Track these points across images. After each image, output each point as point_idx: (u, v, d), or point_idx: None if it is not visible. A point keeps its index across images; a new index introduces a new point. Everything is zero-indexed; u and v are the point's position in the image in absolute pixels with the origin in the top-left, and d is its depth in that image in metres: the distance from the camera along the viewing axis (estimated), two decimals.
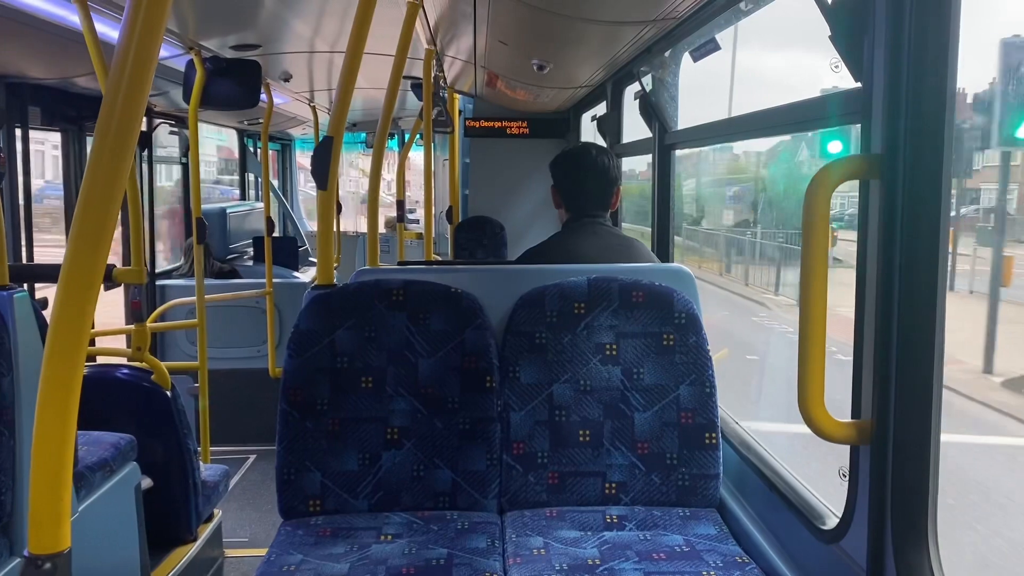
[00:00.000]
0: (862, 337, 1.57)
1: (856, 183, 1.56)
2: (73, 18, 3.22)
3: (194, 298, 4.39)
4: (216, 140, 9.98)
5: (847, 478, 1.67)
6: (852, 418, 1.62)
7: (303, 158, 11.48)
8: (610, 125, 4.62)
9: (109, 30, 3.41)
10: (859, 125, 1.57)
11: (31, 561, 1.11)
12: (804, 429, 1.57)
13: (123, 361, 3.69)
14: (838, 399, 1.61)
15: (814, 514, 1.86)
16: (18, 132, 4.27)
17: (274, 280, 5.74)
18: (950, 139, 1.39)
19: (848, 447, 1.65)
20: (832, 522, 1.77)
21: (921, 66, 1.38)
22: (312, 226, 10.63)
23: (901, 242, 1.44)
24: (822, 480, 1.99)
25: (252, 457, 5.77)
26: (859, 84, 1.57)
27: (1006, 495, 6.46)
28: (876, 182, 1.50)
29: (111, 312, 5.56)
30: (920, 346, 1.45)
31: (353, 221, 13.01)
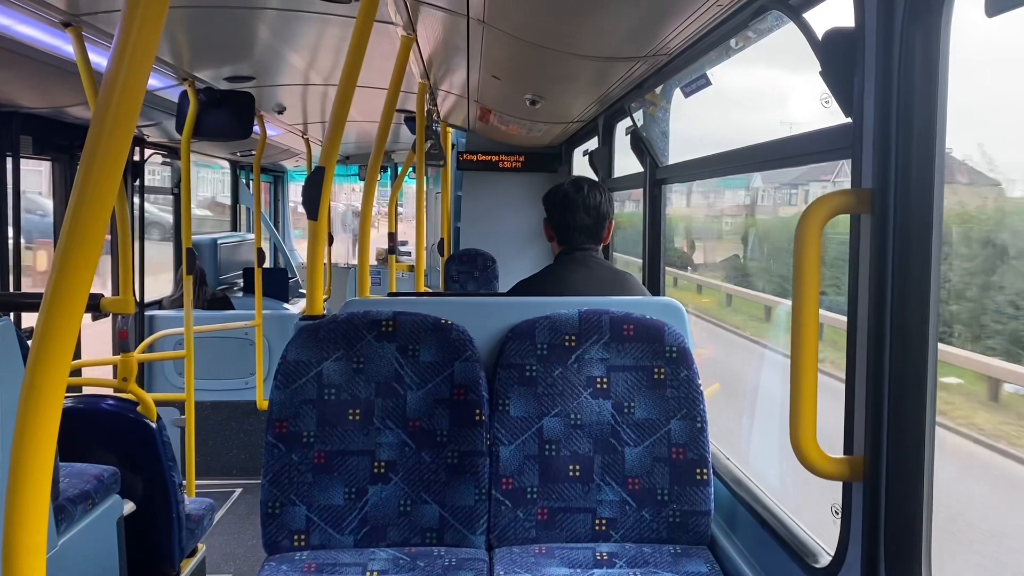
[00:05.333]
0: (854, 372, 1.56)
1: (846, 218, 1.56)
2: (67, 48, 3.24)
3: (182, 329, 4.36)
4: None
5: (839, 515, 1.65)
6: (844, 454, 1.60)
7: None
8: (601, 159, 4.64)
9: (103, 60, 3.42)
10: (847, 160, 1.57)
11: None
12: None
13: (109, 392, 3.65)
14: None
15: (806, 552, 1.83)
16: (9, 161, 4.26)
17: (264, 312, 5.72)
18: (941, 172, 1.39)
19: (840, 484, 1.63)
20: (825, 560, 1.74)
21: (911, 101, 1.39)
22: (303, 258, 10.62)
23: (893, 276, 1.44)
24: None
25: (238, 490, 5.69)
26: (849, 119, 1.58)
27: None
28: (867, 217, 1.50)
29: (100, 342, 5.52)
30: (913, 381, 1.44)
31: (344, 253, 12.99)
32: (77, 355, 4.93)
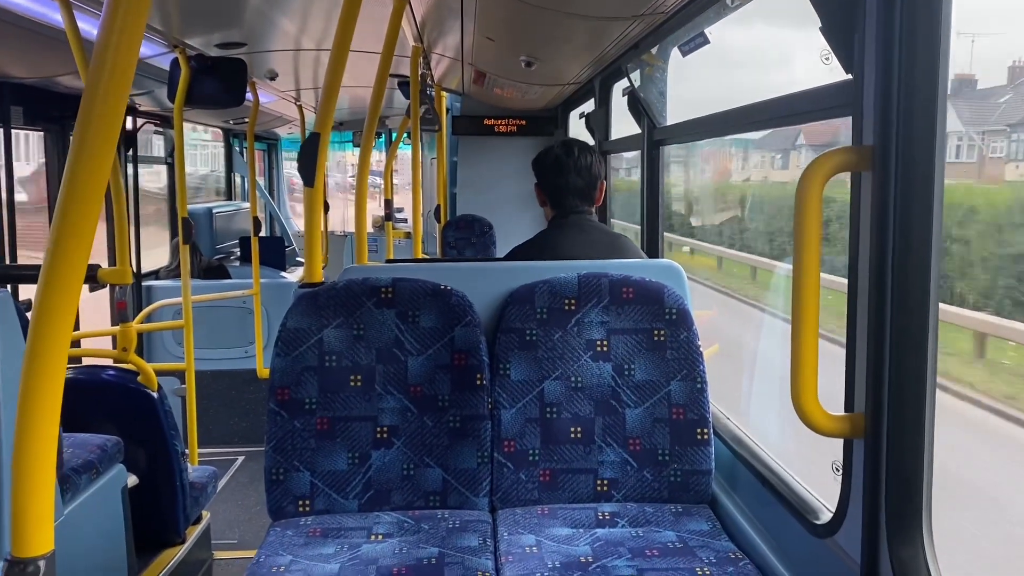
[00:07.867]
0: (855, 330, 1.56)
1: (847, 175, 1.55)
2: (56, 16, 3.19)
3: (180, 299, 4.36)
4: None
5: (840, 472, 1.66)
6: (845, 412, 1.61)
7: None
8: (598, 122, 4.61)
9: (92, 28, 3.37)
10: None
11: (14, 564, 1.09)
12: None
13: (109, 362, 3.65)
14: None
15: (807, 508, 1.85)
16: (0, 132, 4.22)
17: (261, 280, 5.71)
18: (943, 129, 1.38)
19: (841, 441, 1.64)
20: (825, 516, 1.76)
21: (913, 56, 1.37)
22: (299, 226, 10.58)
23: (894, 234, 1.43)
24: None
25: (241, 458, 5.73)
26: (850, 76, 1.56)
27: None
28: (868, 174, 1.49)
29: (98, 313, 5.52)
30: (914, 338, 1.44)
31: (341, 220, 12.95)
32: (76, 326, 4.93)
